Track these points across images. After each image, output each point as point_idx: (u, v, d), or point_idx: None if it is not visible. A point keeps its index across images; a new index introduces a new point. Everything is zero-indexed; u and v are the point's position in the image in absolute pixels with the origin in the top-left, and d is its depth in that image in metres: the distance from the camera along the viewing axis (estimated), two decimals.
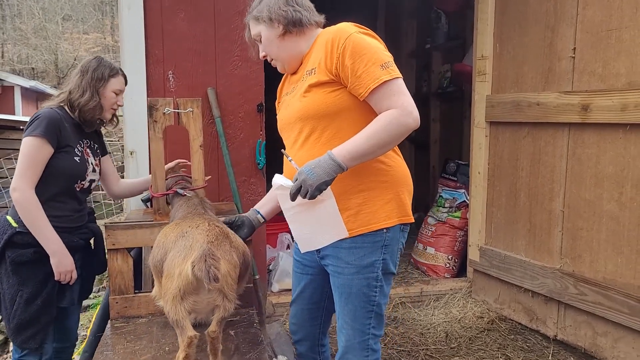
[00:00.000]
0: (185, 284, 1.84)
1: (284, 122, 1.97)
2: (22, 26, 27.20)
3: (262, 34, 1.94)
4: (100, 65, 2.46)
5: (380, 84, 1.69)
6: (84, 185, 2.46)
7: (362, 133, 1.71)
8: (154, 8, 3.12)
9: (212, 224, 2.01)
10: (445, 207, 4.21)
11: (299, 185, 1.68)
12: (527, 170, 3.33)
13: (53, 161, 2.32)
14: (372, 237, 1.84)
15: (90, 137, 2.55)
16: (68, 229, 2.43)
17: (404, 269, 4.31)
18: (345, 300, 1.91)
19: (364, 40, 1.75)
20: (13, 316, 2.34)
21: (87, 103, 2.40)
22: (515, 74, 3.38)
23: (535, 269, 3.25)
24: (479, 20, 3.64)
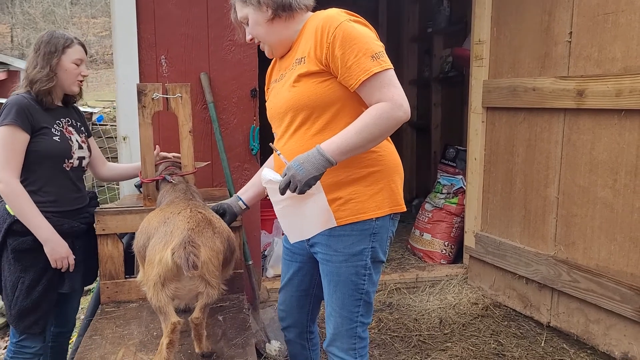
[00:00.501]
0: (166, 271, 1.85)
1: (274, 111, 1.93)
2: (30, 10, 27.20)
3: (249, 16, 1.87)
4: (52, 38, 2.37)
5: (371, 76, 1.67)
6: (73, 164, 2.43)
7: (352, 127, 1.69)
8: None
9: (195, 210, 2.01)
10: (443, 193, 4.19)
11: (287, 180, 1.66)
12: (522, 156, 3.30)
13: (32, 146, 2.30)
14: (361, 225, 1.82)
15: (70, 116, 2.50)
16: (68, 212, 2.42)
17: (400, 254, 4.31)
18: (334, 288, 1.91)
19: (354, 29, 1.71)
20: (15, 303, 2.35)
21: (36, 75, 2.32)
22: (512, 59, 3.34)
23: (530, 255, 3.23)
24: (477, 4, 3.59)
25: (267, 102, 2.03)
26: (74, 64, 2.40)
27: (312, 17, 1.88)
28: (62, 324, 2.69)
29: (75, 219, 2.46)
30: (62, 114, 2.46)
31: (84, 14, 29.62)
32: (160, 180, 2.53)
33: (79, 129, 2.53)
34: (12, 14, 28.55)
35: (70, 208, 2.44)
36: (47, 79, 2.34)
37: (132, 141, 3.16)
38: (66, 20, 27.56)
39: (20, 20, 27.77)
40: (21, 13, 27.89)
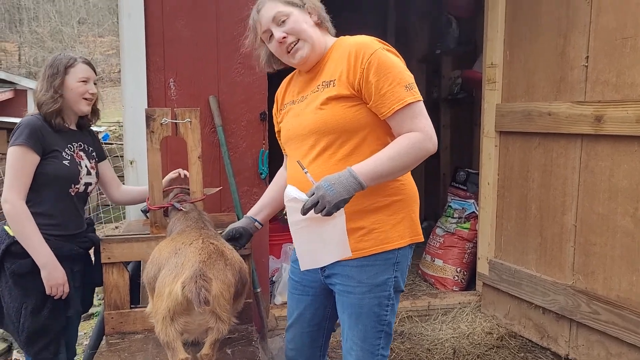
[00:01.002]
0: (175, 305, 1.78)
1: (294, 132, 1.88)
2: (38, 29, 27.50)
3: (293, 14, 1.80)
4: (55, 60, 2.37)
5: (405, 106, 1.68)
6: (79, 189, 2.41)
7: (385, 153, 1.68)
8: (155, 15, 3.06)
9: (207, 241, 1.94)
10: (455, 217, 4.10)
11: (315, 201, 1.60)
12: (538, 182, 3.22)
13: (41, 168, 2.27)
14: (385, 255, 1.79)
15: (83, 140, 2.48)
16: (68, 236, 2.38)
17: (411, 280, 4.21)
18: (355, 321, 1.84)
19: (389, 58, 1.73)
20: (22, 329, 2.31)
21: (45, 101, 2.31)
22: (526, 83, 3.28)
23: (547, 284, 3.13)
24: (489, 26, 3.54)
25: (284, 123, 1.97)
26: (79, 82, 2.37)
27: (340, 42, 1.86)
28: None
29: (75, 242, 2.42)
30: (75, 138, 2.44)
31: (91, 32, 29.94)
32: (169, 207, 2.46)
33: (90, 154, 2.50)
34: (20, 33, 28.85)
35: (71, 232, 2.41)
36: (51, 101, 2.32)
37: (139, 165, 3.10)
38: (73, 39, 27.85)
39: (28, 39, 28.07)
40: (29, 32, 28.19)
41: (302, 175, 1.75)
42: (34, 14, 28.96)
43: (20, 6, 30.23)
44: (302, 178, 1.76)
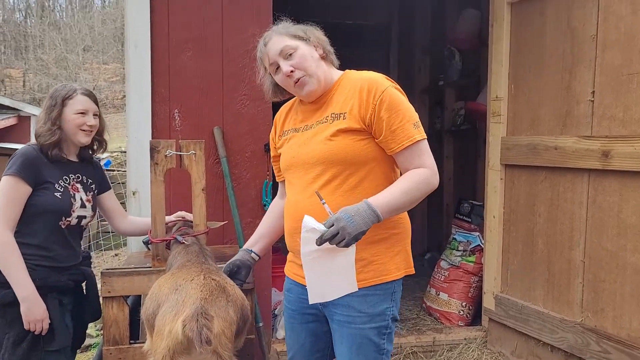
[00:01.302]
0: (175, 344, 1.73)
1: (298, 160, 1.89)
2: (43, 56, 27.80)
3: (300, 48, 1.84)
4: (55, 91, 2.36)
5: (413, 143, 1.76)
6: (70, 222, 2.35)
7: (398, 187, 1.75)
8: (161, 46, 3.08)
9: (208, 277, 1.90)
10: (459, 250, 4.05)
11: (335, 232, 1.61)
12: (544, 216, 3.18)
13: (32, 199, 2.25)
14: (384, 286, 1.84)
15: (82, 172, 2.44)
16: (58, 268, 2.32)
17: (415, 314, 4.14)
18: (356, 351, 1.85)
19: (398, 96, 1.80)
20: (2, 359, 2.25)
21: (43, 133, 2.29)
22: (531, 116, 3.26)
23: (555, 321, 3.07)
24: (494, 60, 3.55)
25: (286, 149, 1.97)
26: (77, 114, 2.34)
27: (348, 75, 1.92)
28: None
29: (64, 274, 2.35)
30: (73, 169, 2.40)
31: (95, 60, 30.28)
32: (171, 240, 2.42)
33: (88, 186, 2.46)
34: (26, 60, 29.17)
35: (60, 265, 2.34)
36: (49, 133, 2.30)
37: (142, 195, 3.08)
38: (78, 66, 28.15)
39: (33, 65, 28.36)
40: (34, 59, 28.50)
41: (308, 199, 1.81)
42: (39, 41, 29.34)
43: (26, 33, 30.66)
44: (310, 202, 1.80)
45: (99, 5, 32.86)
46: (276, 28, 1.92)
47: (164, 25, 3.07)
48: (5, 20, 31.20)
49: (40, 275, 2.26)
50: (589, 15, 2.88)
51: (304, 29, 1.90)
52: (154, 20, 3.05)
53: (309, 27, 1.93)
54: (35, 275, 2.25)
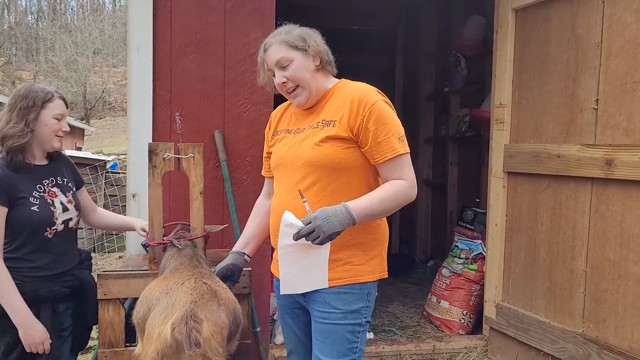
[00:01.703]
0: (164, 347, 1.72)
1: (287, 161, 1.97)
2: (54, 59, 28.03)
3: (295, 60, 1.91)
4: (30, 92, 2.21)
5: (396, 156, 1.86)
6: (57, 230, 2.27)
7: (376, 195, 1.84)
8: (163, 50, 3.08)
9: (199, 280, 1.89)
10: (461, 258, 4.02)
11: (311, 229, 1.70)
12: (547, 225, 3.15)
13: (10, 217, 2.16)
14: (359, 285, 1.92)
15: (55, 173, 2.34)
16: (48, 277, 2.27)
17: (416, 322, 4.11)
18: (329, 346, 1.92)
19: (387, 110, 1.89)
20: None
21: (8, 131, 2.15)
22: (535, 124, 3.24)
23: (556, 332, 3.03)
24: (498, 67, 3.52)
25: (277, 148, 2.05)
26: (54, 119, 2.25)
27: (342, 84, 1.99)
28: None
29: (57, 282, 2.29)
30: (46, 173, 2.30)
31: (105, 63, 30.48)
32: (167, 243, 2.41)
33: (65, 186, 2.36)
34: (37, 62, 29.41)
35: (51, 273, 2.28)
36: (20, 134, 2.16)
37: (141, 199, 3.07)
38: (88, 68, 28.36)
39: (43, 68, 28.60)
40: (45, 61, 28.74)
41: (293, 201, 1.89)
42: (50, 44, 29.59)
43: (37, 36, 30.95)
44: (293, 204, 1.88)
45: (109, 8, 33.13)
46: (277, 34, 1.96)
47: (166, 29, 3.07)
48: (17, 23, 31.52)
49: (30, 287, 2.21)
50: (594, 22, 2.85)
51: (304, 37, 1.93)
52: (157, 24, 3.05)
53: (310, 34, 1.95)
54: (25, 287, 2.19)
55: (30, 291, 2.20)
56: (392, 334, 3.78)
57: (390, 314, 4.29)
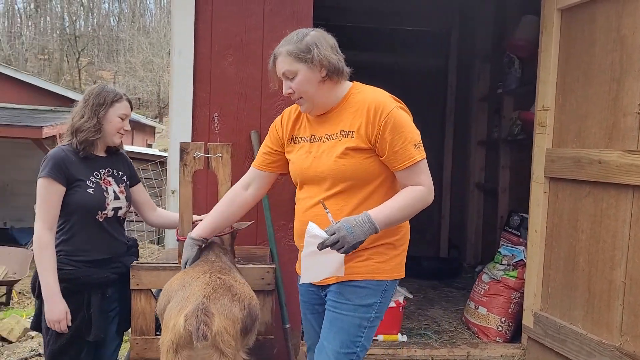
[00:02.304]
0: (178, 338, 1.82)
1: (308, 171, 2.03)
2: (132, 59, 29.43)
3: (300, 72, 1.96)
4: (102, 91, 2.48)
5: (414, 163, 1.91)
6: (107, 215, 2.47)
7: (396, 203, 1.91)
8: (203, 53, 3.20)
9: (214, 275, 1.98)
10: (503, 264, 3.92)
11: (336, 240, 1.77)
12: (587, 233, 3.03)
13: (66, 198, 2.37)
14: (376, 282, 2.00)
15: (112, 165, 2.55)
16: (98, 261, 2.46)
17: (454, 327, 4.04)
18: (334, 335, 1.99)
19: (402, 117, 1.94)
20: (47, 345, 2.45)
21: (82, 125, 2.40)
22: (578, 128, 3.12)
23: (592, 344, 2.91)
24: (542, 69, 3.42)
25: (296, 155, 2.10)
26: (119, 117, 2.48)
27: (356, 90, 2.03)
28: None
29: (106, 268, 2.49)
30: (103, 164, 2.52)
31: None
32: None
33: (119, 178, 2.57)
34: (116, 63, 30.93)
35: (100, 257, 2.47)
36: (94, 130, 2.42)
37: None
38: (162, 69, 29.53)
39: (122, 68, 30.03)
40: (124, 62, 30.18)
41: (318, 209, 1.96)
42: (129, 45, 31.03)
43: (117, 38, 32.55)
44: (316, 214, 1.96)
45: None
46: (288, 42, 1.99)
47: (207, 33, 3.19)
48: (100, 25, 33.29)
49: (82, 272, 2.42)
50: (639, 22, 2.72)
51: (310, 48, 1.93)
52: (198, 27, 3.18)
53: (319, 43, 1.95)
54: (77, 272, 2.41)
55: (82, 276, 2.41)
56: (427, 338, 3.75)
57: (429, 318, 4.25)
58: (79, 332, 2.43)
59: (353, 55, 6.82)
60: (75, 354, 2.44)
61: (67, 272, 2.39)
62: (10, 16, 29.16)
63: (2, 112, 9.59)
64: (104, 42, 32.64)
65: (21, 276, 6.93)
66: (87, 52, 30.82)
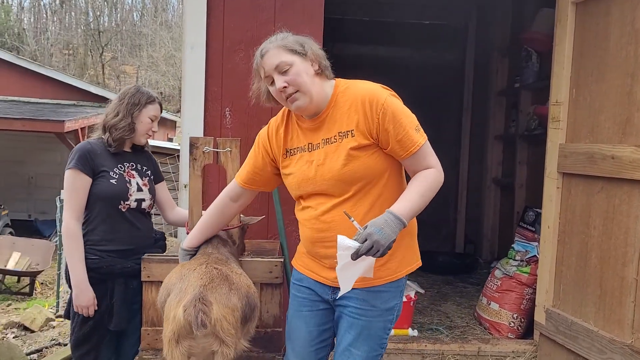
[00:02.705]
0: (179, 328, 1.86)
1: (315, 180, 1.96)
2: (154, 54, 29.73)
3: (295, 64, 1.89)
4: (137, 92, 2.59)
5: (419, 148, 1.87)
6: (129, 205, 2.57)
7: (415, 191, 1.86)
8: (215, 48, 3.24)
9: (210, 266, 2.02)
10: (516, 260, 3.90)
11: (370, 246, 1.71)
12: (599, 229, 2.99)
13: (91, 188, 2.48)
14: (396, 283, 2.01)
15: (137, 160, 2.65)
16: (122, 251, 2.55)
17: (465, 322, 4.03)
18: (362, 342, 1.98)
19: (397, 104, 1.90)
20: (73, 332, 2.55)
21: (117, 123, 2.51)
22: (591, 123, 3.08)
23: (604, 341, 2.88)
24: (555, 63, 3.38)
25: (297, 169, 2.02)
26: (149, 118, 2.59)
27: (343, 88, 1.95)
28: (118, 356, 2.78)
29: (130, 259, 2.57)
30: (128, 158, 2.62)
31: None
32: None
33: (143, 172, 2.67)
34: (139, 57, 31.25)
35: (123, 247, 2.56)
36: (128, 127, 2.53)
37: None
38: None
39: (144, 62, 30.33)
40: (146, 56, 30.47)
41: (330, 215, 1.93)
42: (151, 40, 31.32)
43: (140, 33, 32.87)
44: (333, 218, 1.93)
45: None
46: (273, 40, 1.95)
47: (218, 28, 3.23)
48: (123, 20, 33.65)
49: (107, 262, 2.52)
50: None
51: (301, 43, 1.92)
52: (210, 22, 3.21)
53: (306, 40, 1.95)
54: (102, 262, 2.51)
55: (107, 266, 2.51)
56: (438, 333, 3.74)
57: (442, 313, 4.24)
58: (102, 320, 2.53)
59: (370, 49, 6.86)
60: (97, 341, 2.54)
61: (92, 261, 2.50)
62: (36, 12, 29.65)
63: (27, 107, 9.80)
64: (126, 37, 33.02)
65: (44, 267, 7.11)
66: (110, 47, 31.19)
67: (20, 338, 5.03)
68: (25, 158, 11.14)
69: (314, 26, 3.21)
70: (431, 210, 1.94)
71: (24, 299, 6.81)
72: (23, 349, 4.57)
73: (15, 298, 6.83)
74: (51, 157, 11.18)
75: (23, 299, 6.83)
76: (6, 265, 6.90)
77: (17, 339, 4.99)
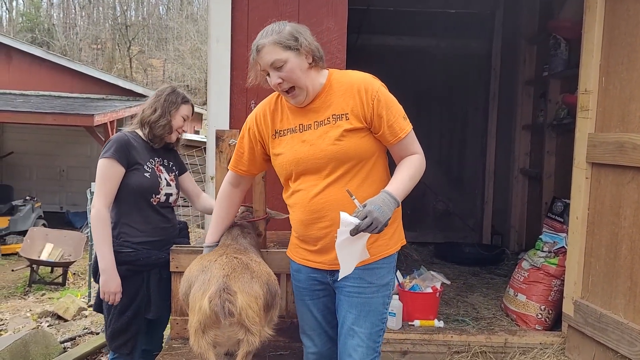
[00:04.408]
0: (205, 318, 1.90)
1: (307, 159, 2.03)
2: (180, 47, 29.97)
3: (289, 60, 1.97)
4: (174, 92, 2.69)
5: (406, 135, 2.04)
6: (160, 199, 2.66)
7: (406, 174, 2.01)
8: (240, 41, 3.27)
9: (231, 255, 2.06)
10: (544, 251, 3.85)
11: (370, 222, 1.81)
12: (630, 220, 2.94)
13: (126, 179, 2.55)
14: (388, 259, 2.14)
15: (163, 156, 2.74)
16: (156, 242, 2.64)
17: (492, 314, 4.01)
18: (364, 318, 2.07)
19: (387, 93, 2.06)
20: (109, 324, 2.63)
21: (157, 120, 2.61)
22: (621, 112, 3.02)
23: (634, 333, 2.84)
24: (585, 50, 3.32)
25: (287, 149, 2.08)
26: (182, 117, 2.69)
27: (336, 77, 2.06)
28: (149, 343, 2.87)
29: (163, 249, 2.66)
30: (158, 154, 2.71)
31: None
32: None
33: (170, 168, 2.76)
34: (165, 51, 31.55)
35: (158, 238, 2.65)
36: (166, 124, 2.64)
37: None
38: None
39: (171, 56, 30.61)
40: (173, 49, 30.75)
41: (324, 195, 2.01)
42: (177, 33, 31.58)
43: (167, 26, 33.17)
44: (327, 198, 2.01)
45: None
46: (268, 34, 2.01)
47: (243, 21, 3.25)
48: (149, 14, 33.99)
49: (143, 254, 2.61)
50: None
51: (295, 36, 1.97)
52: (234, 16, 3.24)
53: (300, 31, 2.00)
54: (139, 255, 2.60)
55: (143, 258, 2.60)
56: (465, 324, 3.73)
57: (468, 304, 4.22)
58: (139, 311, 2.62)
59: (395, 39, 6.80)
60: (135, 332, 2.63)
61: (127, 254, 2.58)
62: (65, 7, 30.15)
63: (57, 101, 10.01)
64: (153, 31, 33.34)
65: (76, 258, 7.29)
66: (137, 40, 31.55)
67: (54, 327, 5.19)
68: (56, 151, 11.41)
69: (338, 18, 3.21)
70: (458, 201, 1.97)
71: (57, 289, 7.00)
72: (57, 337, 4.71)
73: (49, 288, 7.03)
74: (81, 150, 11.43)
75: (56, 288, 7.02)
76: (40, 256, 7.10)
77: (51, 328, 5.14)
